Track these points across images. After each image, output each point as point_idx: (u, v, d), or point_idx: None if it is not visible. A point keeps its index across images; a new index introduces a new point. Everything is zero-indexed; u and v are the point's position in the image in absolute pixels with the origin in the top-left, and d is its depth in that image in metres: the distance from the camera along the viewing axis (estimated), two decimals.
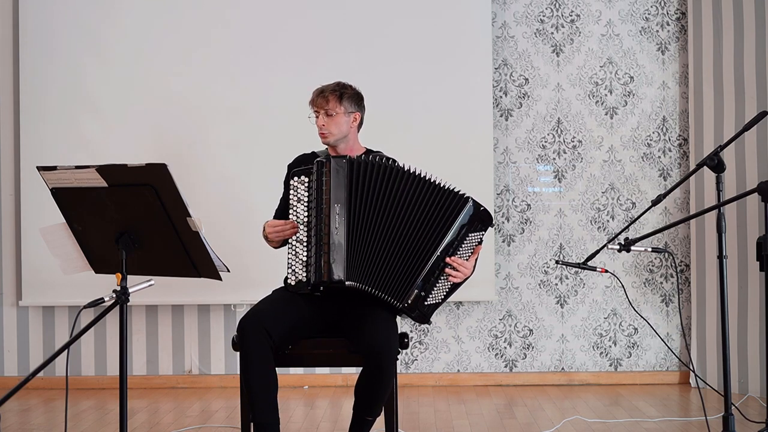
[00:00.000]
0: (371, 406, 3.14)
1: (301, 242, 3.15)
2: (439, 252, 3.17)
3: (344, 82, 3.43)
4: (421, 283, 3.17)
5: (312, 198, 3.14)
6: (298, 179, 3.18)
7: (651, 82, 5.16)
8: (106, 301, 2.69)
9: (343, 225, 3.11)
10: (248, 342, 3.06)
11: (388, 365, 3.04)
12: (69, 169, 2.67)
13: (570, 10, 5.17)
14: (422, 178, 3.17)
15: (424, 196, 3.16)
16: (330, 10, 5.04)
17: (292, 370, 5.14)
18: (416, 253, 3.16)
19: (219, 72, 5.04)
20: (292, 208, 3.18)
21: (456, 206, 3.17)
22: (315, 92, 3.40)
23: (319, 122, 3.35)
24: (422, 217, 3.16)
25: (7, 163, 5.17)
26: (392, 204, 3.15)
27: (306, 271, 3.13)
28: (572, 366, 5.15)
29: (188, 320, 5.18)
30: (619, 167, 5.16)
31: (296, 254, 3.16)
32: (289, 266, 3.17)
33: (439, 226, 3.17)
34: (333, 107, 3.33)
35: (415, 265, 3.16)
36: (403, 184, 3.16)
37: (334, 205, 3.11)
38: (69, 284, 4.83)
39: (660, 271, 5.14)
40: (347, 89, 3.39)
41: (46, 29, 5.06)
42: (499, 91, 5.16)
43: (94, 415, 4.45)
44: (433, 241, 3.17)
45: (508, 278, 5.16)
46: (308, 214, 3.14)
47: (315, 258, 3.11)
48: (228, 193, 4.99)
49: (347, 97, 3.36)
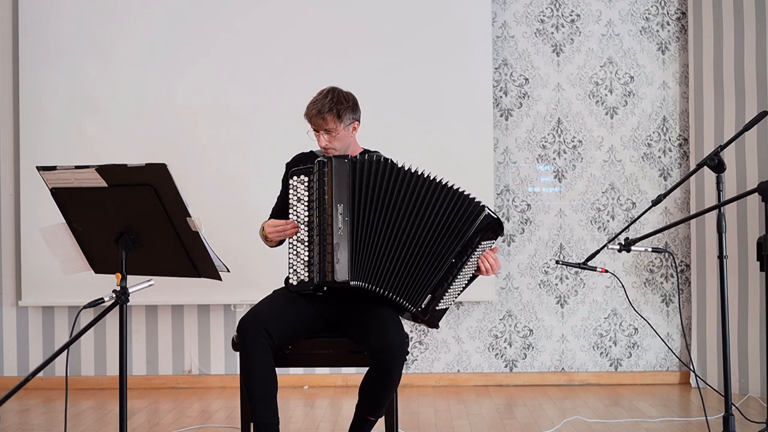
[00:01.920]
0: (376, 407, 3.12)
1: (302, 242, 3.13)
2: (453, 258, 3.14)
3: (338, 92, 3.32)
4: (434, 288, 3.15)
5: (313, 198, 3.12)
6: (297, 178, 3.16)
7: (651, 82, 5.15)
8: (105, 301, 2.69)
9: (346, 225, 3.09)
10: (248, 343, 3.05)
11: (397, 366, 3.03)
12: (69, 169, 2.67)
13: (570, 10, 5.17)
14: (437, 182, 3.14)
15: (438, 200, 3.13)
16: (330, 9, 5.04)
17: (292, 370, 5.13)
18: (431, 257, 3.13)
19: (219, 72, 5.03)
20: (292, 207, 3.16)
21: (472, 213, 3.14)
22: (311, 110, 3.29)
23: (322, 142, 3.29)
24: (437, 222, 3.13)
25: (7, 163, 5.17)
26: (402, 205, 3.12)
27: (308, 271, 3.11)
28: (572, 366, 5.15)
29: (188, 320, 5.18)
30: (619, 167, 5.15)
31: (297, 254, 3.14)
32: (290, 266, 3.15)
33: (455, 232, 3.14)
34: (333, 127, 3.26)
35: (431, 270, 3.14)
36: (412, 185, 3.13)
37: (336, 205, 3.08)
38: (69, 284, 4.83)
39: (660, 271, 5.14)
40: (343, 104, 3.28)
41: (46, 29, 5.05)
42: (499, 91, 5.16)
43: (94, 415, 4.45)
44: (449, 246, 3.14)
45: (508, 278, 5.15)
46: (309, 213, 3.12)
47: (318, 258, 3.09)
48: (228, 193, 4.99)
49: (344, 111, 3.27)
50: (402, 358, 3.03)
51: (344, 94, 3.33)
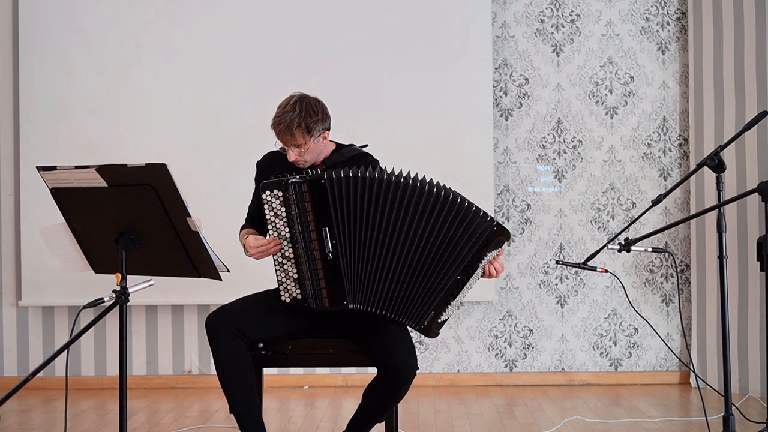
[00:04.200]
0: (380, 413, 3.09)
1: (288, 258, 3.04)
2: (459, 276, 3.03)
3: (305, 104, 3.11)
4: (438, 306, 3.04)
5: (293, 214, 2.99)
6: (271, 193, 3.00)
7: (651, 82, 5.15)
8: (105, 301, 2.69)
9: (334, 248, 2.98)
10: (214, 340, 3.03)
11: (407, 383, 2.98)
12: (69, 169, 2.67)
13: (570, 10, 5.17)
14: (435, 193, 2.99)
15: (436, 212, 2.99)
16: (330, 9, 5.04)
17: (292, 370, 5.14)
18: (434, 275, 3.01)
19: (220, 72, 5.03)
20: (270, 223, 3.04)
21: (478, 228, 3.01)
22: (278, 125, 3.10)
23: (291, 157, 3.13)
24: (439, 238, 3.00)
25: (7, 163, 5.17)
26: (393, 223, 2.99)
27: (300, 288, 3.03)
28: (572, 366, 5.15)
29: (188, 320, 5.18)
30: (619, 167, 5.15)
31: (285, 271, 3.05)
32: (280, 283, 3.06)
33: (459, 249, 3.01)
34: (302, 142, 3.10)
35: (434, 288, 3.02)
36: (406, 200, 2.99)
37: (322, 229, 2.97)
38: (69, 284, 4.85)
39: (660, 271, 5.14)
40: (312, 117, 3.09)
41: (46, 29, 5.05)
42: (499, 91, 5.16)
43: (94, 415, 4.45)
44: (453, 264, 3.01)
45: (508, 278, 5.15)
46: (290, 229, 3.01)
47: (310, 277, 3.00)
48: (228, 193, 4.98)
49: (314, 125, 3.09)
50: (413, 375, 2.97)
51: (313, 105, 3.13)
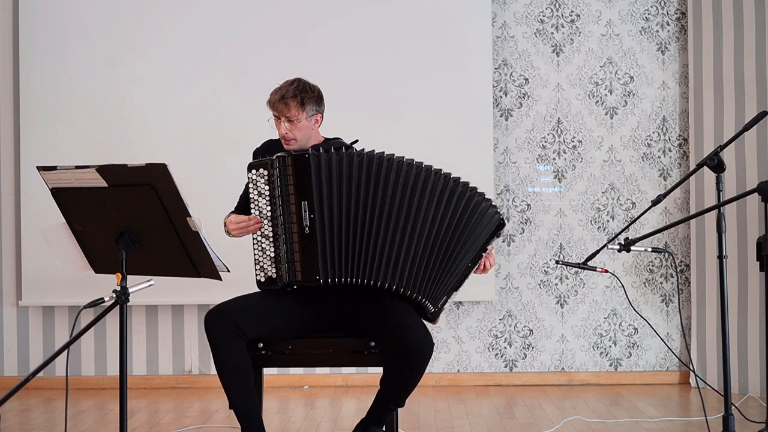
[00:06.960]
0: (401, 397, 3.12)
1: (266, 237, 3.06)
2: (470, 263, 3.12)
3: (303, 82, 3.26)
4: (450, 290, 3.13)
5: (275, 193, 3.03)
6: (257, 172, 3.05)
7: (651, 82, 5.16)
8: (106, 301, 2.69)
9: (315, 220, 2.99)
10: (213, 337, 3.05)
11: (425, 363, 3.02)
12: (69, 169, 2.67)
13: (570, 10, 5.17)
14: (429, 171, 3.08)
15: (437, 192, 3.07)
16: (330, 10, 5.04)
17: (292, 370, 5.14)
18: (452, 257, 3.08)
19: (220, 72, 5.03)
20: (253, 202, 3.07)
21: (489, 219, 3.13)
22: (274, 95, 3.24)
23: (282, 130, 3.23)
24: (454, 222, 3.07)
25: (7, 163, 5.17)
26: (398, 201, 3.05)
27: (276, 268, 3.05)
28: (572, 366, 5.15)
29: (188, 320, 5.18)
30: (619, 167, 5.16)
31: (263, 250, 3.07)
32: (256, 262, 3.08)
33: (471, 236, 3.10)
34: (295, 114, 3.20)
35: (452, 270, 3.09)
36: (403, 177, 3.06)
37: (301, 203, 3.00)
38: (69, 284, 4.86)
39: (660, 271, 5.14)
40: (307, 92, 3.22)
41: (46, 29, 5.05)
42: (499, 91, 5.16)
43: (94, 415, 4.45)
44: (467, 248, 3.10)
45: (508, 278, 5.15)
46: (272, 208, 3.04)
47: (286, 250, 3.01)
48: (228, 193, 4.96)
49: (308, 100, 3.21)
50: (430, 354, 3.02)
51: (310, 84, 3.28)
